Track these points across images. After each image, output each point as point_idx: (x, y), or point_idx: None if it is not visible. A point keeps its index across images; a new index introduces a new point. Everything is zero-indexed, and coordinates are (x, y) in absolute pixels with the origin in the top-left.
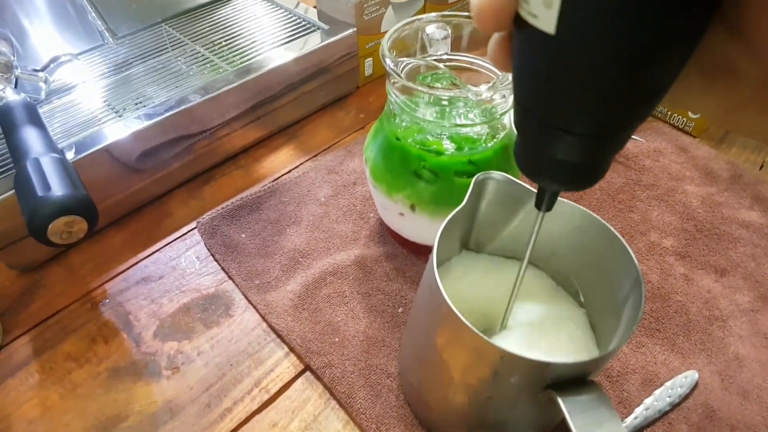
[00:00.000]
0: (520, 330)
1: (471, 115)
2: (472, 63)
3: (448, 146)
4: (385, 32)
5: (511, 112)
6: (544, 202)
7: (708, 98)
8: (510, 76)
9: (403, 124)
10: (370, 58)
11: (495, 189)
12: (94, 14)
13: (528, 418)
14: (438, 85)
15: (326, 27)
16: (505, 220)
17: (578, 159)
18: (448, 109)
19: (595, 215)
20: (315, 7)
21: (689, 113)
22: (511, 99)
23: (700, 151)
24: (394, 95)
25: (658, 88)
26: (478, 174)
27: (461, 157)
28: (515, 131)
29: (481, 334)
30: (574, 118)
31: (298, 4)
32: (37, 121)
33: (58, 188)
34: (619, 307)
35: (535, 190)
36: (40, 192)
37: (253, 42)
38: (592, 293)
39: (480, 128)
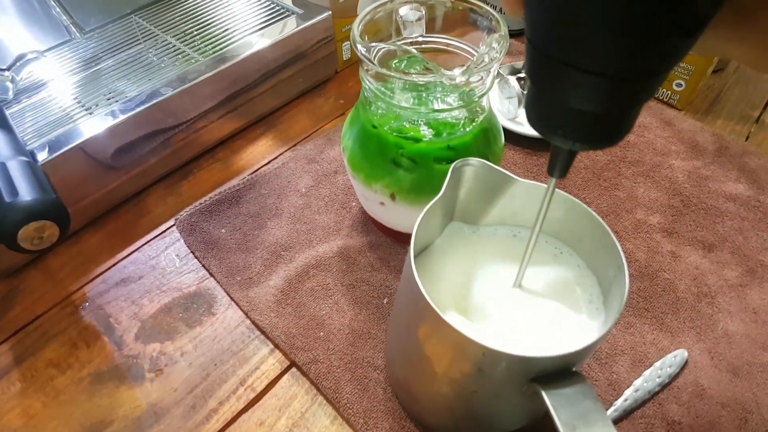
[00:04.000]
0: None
1: (448, 99)
2: (447, 44)
3: (426, 132)
4: None
5: (489, 94)
6: (557, 165)
7: (742, 40)
8: (486, 57)
9: (379, 111)
10: (347, 42)
11: (473, 176)
12: (58, 9)
13: (514, 410)
14: (413, 70)
15: (301, 11)
16: (485, 206)
17: (600, 107)
18: (424, 95)
19: (577, 200)
20: None
21: (673, 86)
22: (489, 80)
23: (686, 124)
24: (368, 82)
25: (696, 19)
26: (456, 161)
27: (440, 143)
28: (528, 82)
29: (461, 330)
30: (596, 53)
31: None
32: (3, 123)
33: (26, 193)
34: (605, 290)
35: (514, 177)
36: (7, 198)
37: (226, 30)
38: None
39: (458, 113)
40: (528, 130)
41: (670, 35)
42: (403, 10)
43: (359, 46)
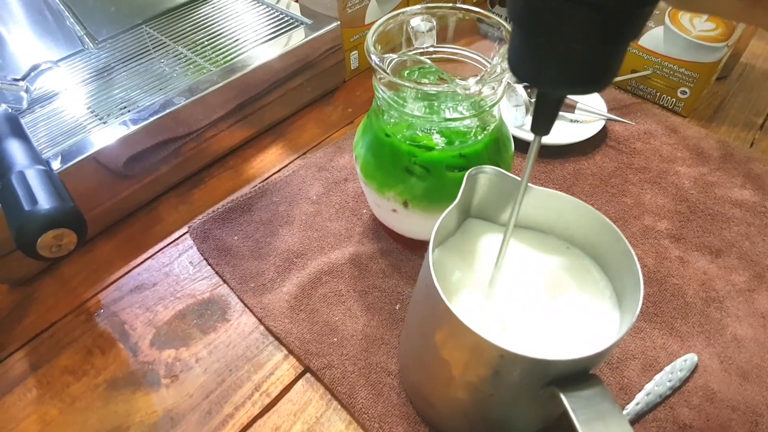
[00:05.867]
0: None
1: (460, 108)
2: (458, 54)
3: (438, 141)
4: (370, 24)
5: (501, 103)
6: (541, 118)
7: None
8: (498, 68)
9: (392, 120)
10: (356, 51)
11: (487, 183)
12: (72, 19)
13: (530, 413)
14: (425, 80)
15: (309, 22)
16: (499, 212)
17: (586, 42)
18: (436, 104)
19: (591, 207)
20: (297, 1)
21: (678, 93)
22: (500, 90)
23: (691, 131)
24: (381, 91)
25: None
26: (471, 169)
27: (452, 152)
28: (512, 27)
29: (480, 333)
30: None
31: None
32: (20, 133)
33: (45, 201)
34: (619, 294)
35: (529, 184)
36: (26, 206)
37: (236, 40)
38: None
39: (470, 121)
40: None
41: None
42: (415, 21)
43: (373, 56)
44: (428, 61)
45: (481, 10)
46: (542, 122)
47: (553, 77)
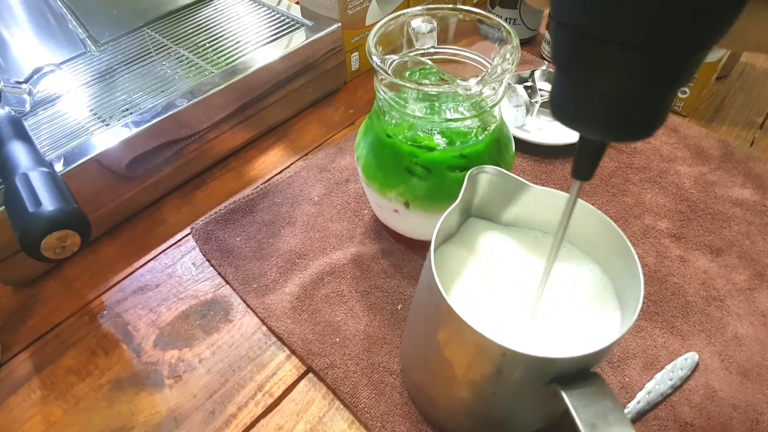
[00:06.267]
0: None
1: (461, 109)
2: (459, 55)
3: (440, 141)
4: (370, 26)
5: (501, 104)
6: (583, 163)
7: None
8: (499, 68)
9: (393, 121)
10: (357, 53)
11: (488, 183)
12: (74, 22)
13: (533, 411)
14: (426, 81)
15: (310, 23)
16: (500, 210)
17: (635, 87)
18: (437, 105)
19: (592, 206)
20: (298, 3)
21: (678, 93)
22: (501, 91)
23: (691, 130)
24: (382, 92)
25: None
26: (472, 169)
27: (453, 152)
28: (555, 68)
29: (482, 332)
30: (634, 22)
31: (280, 1)
32: (23, 135)
33: (48, 203)
34: (620, 293)
35: (528, 183)
36: (30, 208)
37: (238, 42)
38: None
39: (470, 122)
40: (536, 138)
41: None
42: (416, 23)
43: (375, 58)
44: (429, 62)
45: (482, 11)
46: (584, 167)
47: (597, 122)
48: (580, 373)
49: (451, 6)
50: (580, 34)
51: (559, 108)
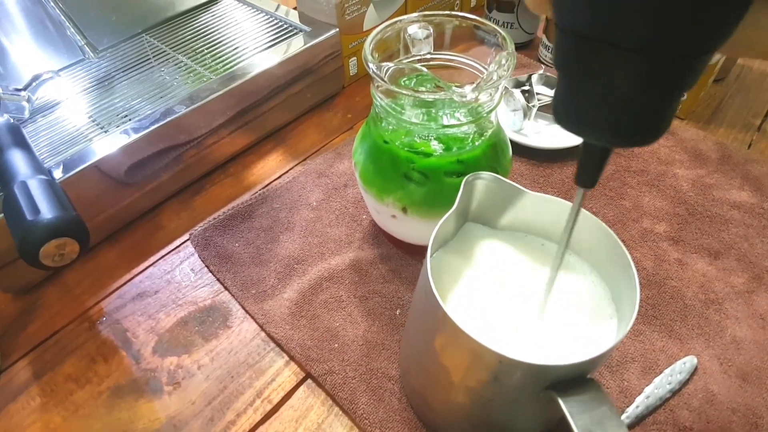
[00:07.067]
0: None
1: (457, 115)
2: (455, 61)
3: (436, 147)
4: (368, 31)
5: (499, 108)
6: (587, 170)
7: None
8: (494, 75)
9: (390, 127)
10: (354, 58)
11: (485, 188)
12: (73, 29)
13: (530, 417)
14: (423, 87)
15: (308, 29)
16: (497, 216)
17: (639, 91)
18: (434, 111)
19: (588, 212)
20: (296, 8)
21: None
22: (497, 96)
23: (688, 133)
24: (379, 99)
25: None
26: (468, 175)
27: (450, 158)
28: (557, 73)
29: (479, 340)
30: (637, 25)
31: (278, 6)
32: (22, 143)
33: (47, 211)
34: (616, 299)
35: (525, 189)
36: (29, 216)
37: (236, 48)
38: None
39: (467, 127)
40: (533, 142)
41: (717, 3)
42: (412, 29)
43: (371, 65)
44: (424, 69)
45: (478, 18)
46: (588, 174)
47: (602, 129)
48: (576, 379)
49: (447, 12)
50: (582, 38)
51: (562, 113)
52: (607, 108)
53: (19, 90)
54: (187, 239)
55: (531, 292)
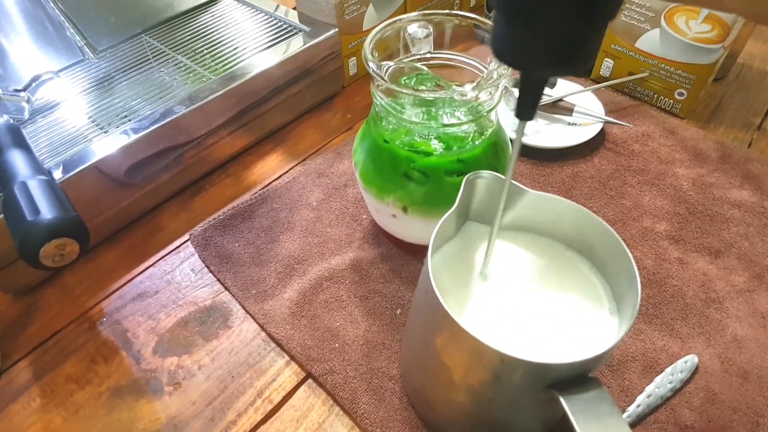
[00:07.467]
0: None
1: (458, 114)
2: (455, 60)
3: (437, 146)
4: (368, 30)
5: (498, 107)
6: (525, 101)
7: None
8: (495, 74)
9: (390, 126)
10: (354, 58)
11: (485, 187)
12: (72, 30)
13: (531, 416)
14: (423, 86)
15: (308, 29)
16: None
17: (562, 22)
18: (434, 110)
19: (588, 211)
20: (295, 8)
21: (675, 95)
22: (497, 95)
23: (689, 132)
24: (379, 98)
25: None
26: (468, 174)
27: (450, 157)
28: (493, 11)
29: (480, 338)
30: None
31: (277, 7)
32: (22, 143)
33: (47, 211)
34: (618, 297)
35: (525, 188)
36: (29, 216)
37: (236, 48)
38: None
39: (467, 126)
40: (533, 141)
41: None
42: (412, 28)
43: (371, 64)
44: (425, 68)
45: (477, 16)
46: (526, 106)
47: (532, 58)
48: (578, 378)
49: (447, 11)
50: None
51: (497, 47)
52: (537, 39)
53: (19, 91)
54: (188, 239)
55: (532, 290)
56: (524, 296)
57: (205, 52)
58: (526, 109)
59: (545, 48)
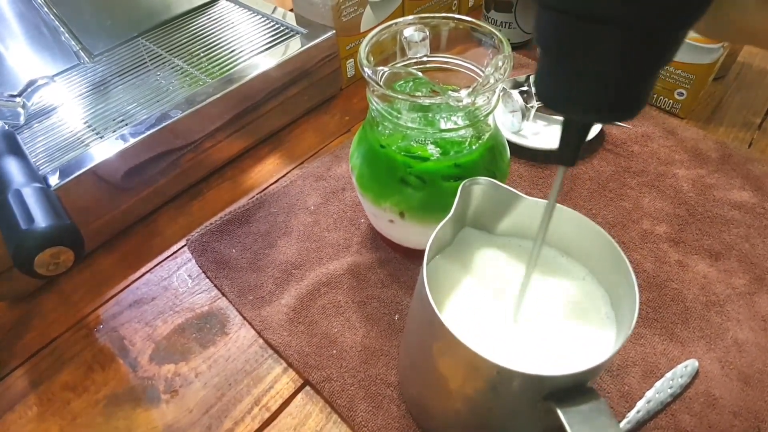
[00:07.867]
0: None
1: (454, 119)
2: (451, 63)
3: (433, 151)
4: (365, 32)
5: (497, 109)
6: (568, 147)
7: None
8: (491, 78)
9: (387, 131)
10: (351, 60)
11: (481, 194)
12: (67, 34)
13: (529, 427)
14: (419, 92)
15: (305, 31)
16: (495, 221)
17: (615, 65)
18: (430, 115)
19: (585, 217)
20: (292, 11)
21: (675, 95)
22: (494, 100)
23: (689, 132)
24: (375, 103)
25: None
26: (465, 181)
27: (447, 162)
28: (539, 51)
29: (475, 349)
30: None
31: (275, 9)
32: (16, 150)
33: (41, 220)
34: (616, 304)
35: (522, 194)
36: (23, 225)
37: (232, 51)
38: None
39: (464, 131)
40: (532, 143)
41: None
42: (408, 31)
43: (366, 69)
44: (420, 73)
45: (474, 20)
46: (568, 151)
47: (582, 105)
48: (575, 389)
49: (443, 14)
50: (560, 13)
51: (544, 91)
52: (586, 84)
53: (14, 96)
54: (184, 245)
55: (529, 298)
56: (521, 304)
57: (202, 55)
58: (568, 155)
59: (596, 96)
